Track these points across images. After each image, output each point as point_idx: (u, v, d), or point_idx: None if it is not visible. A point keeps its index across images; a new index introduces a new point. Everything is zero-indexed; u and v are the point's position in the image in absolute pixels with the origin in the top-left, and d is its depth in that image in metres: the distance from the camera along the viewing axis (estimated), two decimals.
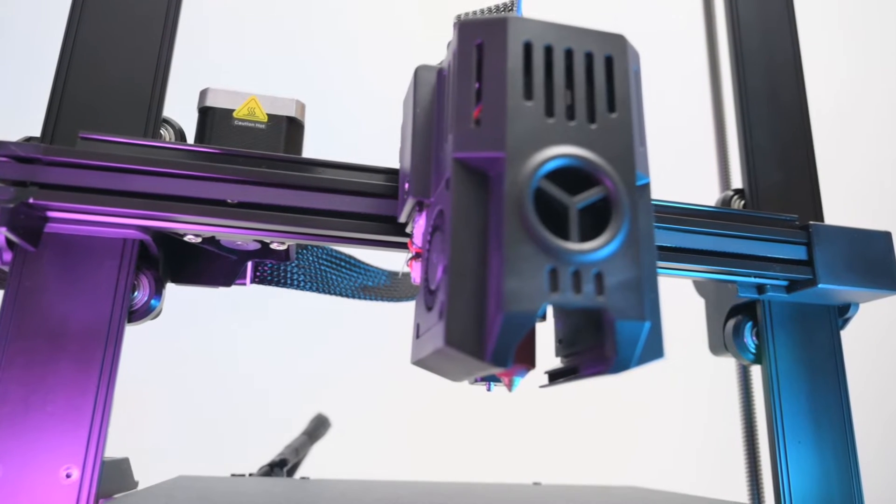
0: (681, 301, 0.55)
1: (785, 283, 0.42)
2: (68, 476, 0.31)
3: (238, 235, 0.36)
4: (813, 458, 0.40)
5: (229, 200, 0.33)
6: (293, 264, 0.47)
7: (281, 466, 0.55)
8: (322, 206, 0.34)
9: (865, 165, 1.25)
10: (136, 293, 0.35)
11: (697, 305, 0.51)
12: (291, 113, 0.39)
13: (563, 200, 0.24)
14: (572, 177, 0.25)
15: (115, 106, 0.37)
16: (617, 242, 0.24)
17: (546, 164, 0.24)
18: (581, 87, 0.26)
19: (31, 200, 0.31)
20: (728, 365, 0.51)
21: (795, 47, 0.50)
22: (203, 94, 0.39)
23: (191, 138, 0.39)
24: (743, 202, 0.46)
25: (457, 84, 0.27)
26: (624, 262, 0.24)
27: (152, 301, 0.36)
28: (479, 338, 0.24)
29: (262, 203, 0.34)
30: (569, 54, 0.26)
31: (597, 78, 0.26)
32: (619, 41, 0.27)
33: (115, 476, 0.35)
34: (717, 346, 0.47)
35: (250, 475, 0.53)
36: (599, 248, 0.24)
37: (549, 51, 0.26)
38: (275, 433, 0.67)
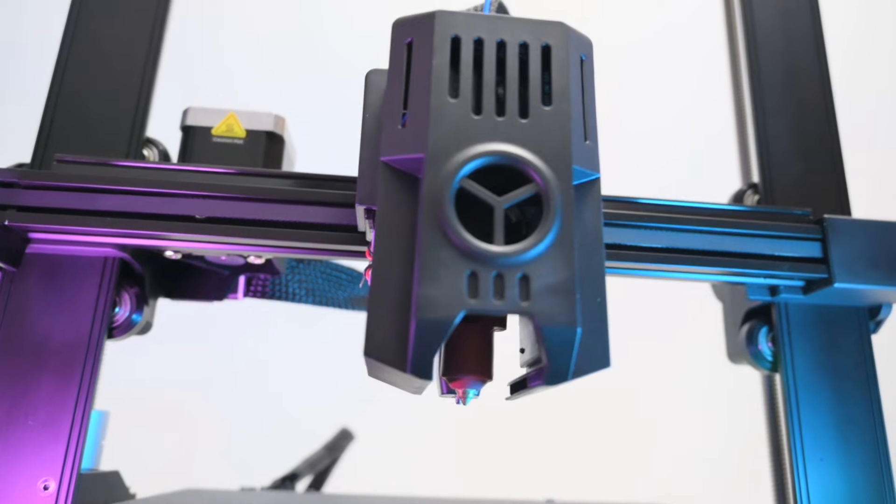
0: (703, 306, 0.51)
1: (800, 283, 0.38)
2: (45, 488, 0.32)
3: (208, 250, 0.36)
4: (839, 477, 0.36)
5: (197, 216, 0.34)
6: (291, 277, 0.47)
7: (292, 480, 0.55)
8: (288, 218, 0.34)
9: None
10: (117, 309, 0.36)
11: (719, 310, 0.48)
12: (270, 128, 0.40)
13: (487, 201, 0.23)
14: (509, 176, 0.24)
15: (98, 130, 0.38)
16: (545, 243, 0.22)
17: (468, 163, 0.23)
18: (513, 80, 0.25)
19: (6, 223, 0.32)
20: (754, 373, 0.47)
21: (816, 22, 0.46)
22: (184, 113, 0.40)
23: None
24: (758, 197, 0.43)
25: (389, 85, 0.26)
26: (554, 264, 0.22)
27: (133, 316, 0.36)
28: (403, 348, 0.23)
29: (227, 217, 0.34)
30: (501, 46, 0.25)
31: (532, 69, 0.25)
32: (558, 29, 0.25)
33: (100, 488, 0.36)
34: (735, 353, 0.43)
35: (262, 489, 0.53)
36: (525, 251, 0.22)
37: (479, 44, 0.25)
38: (304, 446, 0.68)
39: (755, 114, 0.44)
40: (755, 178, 0.44)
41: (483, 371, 0.27)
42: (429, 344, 0.22)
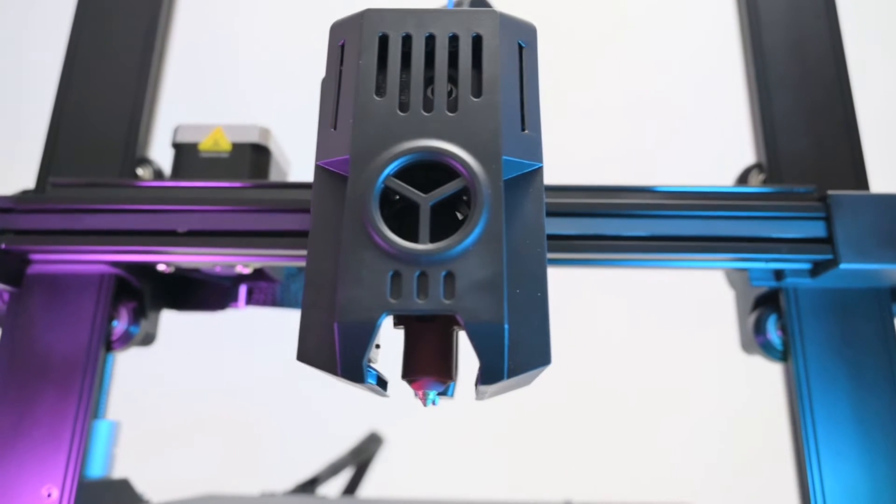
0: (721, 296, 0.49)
1: (807, 265, 0.35)
2: (49, 496, 0.33)
3: (193, 262, 0.37)
4: (859, 472, 0.33)
5: (178, 230, 0.35)
6: (295, 284, 0.48)
7: (313, 484, 0.56)
8: (266, 227, 0.35)
9: None
10: (115, 323, 0.38)
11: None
12: (255, 140, 0.41)
13: (413, 198, 0.22)
14: (443, 173, 0.23)
15: (95, 153, 0.40)
16: (470, 239, 0.22)
17: (392, 162, 0.22)
18: (442, 73, 0.24)
19: (3, 246, 0.34)
20: (777, 366, 0.44)
21: None
22: (175, 130, 0.41)
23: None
24: (763, 176, 0.40)
25: (324, 89, 0.26)
26: (480, 261, 0.22)
27: (131, 329, 0.38)
28: (334, 351, 0.22)
29: (207, 230, 0.35)
30: (430, 40, 0.24)
31: (462, 61, 0.24)
32: (490, 18, 0.25)
33: (108, 495, 0.37)
34: (748, 343, 0.41)
35: (283, 494, 0.54)
36: (449, 248, 0.21)
37: (407, 40, 0.24)
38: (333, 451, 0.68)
39: (759, 87, 0.41)
40: (760, 155, 0.42)
41: (441, 371, 0.26)
42: (355, 346, 0.21)
